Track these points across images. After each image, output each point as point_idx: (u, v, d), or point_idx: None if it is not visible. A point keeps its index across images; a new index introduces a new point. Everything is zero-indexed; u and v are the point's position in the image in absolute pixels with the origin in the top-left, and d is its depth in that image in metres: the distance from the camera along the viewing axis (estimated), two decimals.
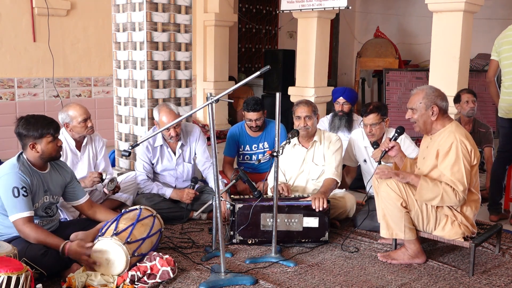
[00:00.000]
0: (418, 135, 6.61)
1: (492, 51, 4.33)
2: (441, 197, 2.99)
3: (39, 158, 3.00)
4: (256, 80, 8.46)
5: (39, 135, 2.94)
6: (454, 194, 2.98)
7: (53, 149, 3.01)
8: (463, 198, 3.02)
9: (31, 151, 2.96)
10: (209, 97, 2.80)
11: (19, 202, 2.85)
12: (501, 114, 4.23)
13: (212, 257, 3.32)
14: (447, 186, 2.99)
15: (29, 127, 2.94)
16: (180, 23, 4.70)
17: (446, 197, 2.99)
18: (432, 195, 3.01)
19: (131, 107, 4.73)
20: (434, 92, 3.15)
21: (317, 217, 3.51)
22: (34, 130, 2.93)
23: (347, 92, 5.08)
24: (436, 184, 3.01)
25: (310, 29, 6.50)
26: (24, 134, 2.94)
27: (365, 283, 3.01)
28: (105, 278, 2.84)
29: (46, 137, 2.96)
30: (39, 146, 2.96)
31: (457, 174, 2.99)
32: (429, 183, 3.02)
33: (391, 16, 10.11)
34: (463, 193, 3.00)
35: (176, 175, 4.18)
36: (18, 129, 2.96)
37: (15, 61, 6.22)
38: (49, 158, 3.04)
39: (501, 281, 3.06)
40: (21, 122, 2.96)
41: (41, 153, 2.98)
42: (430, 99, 3.12)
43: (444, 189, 2.98)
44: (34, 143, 2.95)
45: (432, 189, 3.00)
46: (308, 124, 3.84)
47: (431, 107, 3.12)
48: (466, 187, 3.01)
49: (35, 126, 2.95)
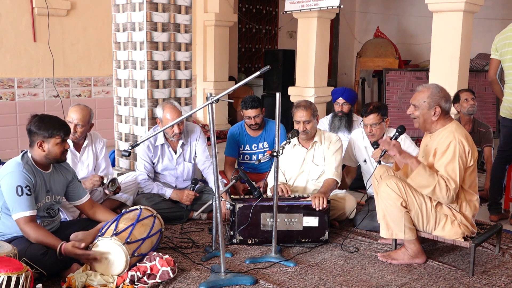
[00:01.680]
0: (418, 135, 6.62)
1: (492, 50, 4.32)
2: (433, 188, 2.98)
3: (44, 158, 3.01)
4: (256, 80, 8.46)
5: (49, 135, 2.96)
6: (446, 189, 2.98)
7: (59, 151, 3.02)
8: (453, 196, 3.02)
9: (38, 149, 2.97)
10: (209, 97, 2.80)
11: (22, 201, 2.85)
12: (504, 114, 4.22)
13: (212, 257, 3.32)
14: (442, 180, 2.99)
15: (41, 125, 2.96)
16: (180, 23, 4.70)
17: (437, 190, 2.99)
18: (425, 183, 3.00)
19: (131, 107, 4.73)
20: (439, 93, 3.14)
21: (317, 216, 3.51)
22: (45, 129, 2.96)
23: (346, 92, 5.07)
24: (433, 174, 3.01)
25: (310, 29, 6.50)
26: (34, 131, 2.96)
27: (365, 283, 3.01)
28: (105, 278, 2.84)
29: (55, 138, 2.98)
30: (47, 145, 2.97)
31: (451, 172, 3.00)
32: (427, 171, 3.02)
33: (391, 16, 10.11)
34: (454, 191, 3.00)
35: (177, 174, 4.18)
36: (30, 125, 2.98)
37: (15, 61, 6.22)
38: (53, 160, 3.05)
39: (501, 281, 3.06)
40: (34, 120, 2.99)
41: (47, 152, 2.99)
42: (435, 99, 3.12)
43: (439, 181, 2.98)
44: (42, 141, 2.96)
45: (428, 178, 3.00)
46: (307, 128, 3.84)
47: (434, 107, 3.11)
48: (458, 186, 3.02)
49: (47, 125, 2.97)
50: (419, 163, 3.06)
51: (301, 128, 3.83)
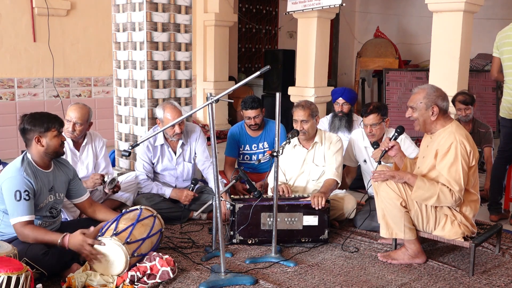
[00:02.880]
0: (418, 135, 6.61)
1: (494, 48, 4.30)
2: (437, 197, 2.99)
3: (44, 154, 3.00)
4: (256, 80, 8.46)
5: (44, 129, 2.96)
6: (451, 194, 2.98)
7: (58, 143, 3.03)
8: (459, 198, 3.02)
9: (36, 145, 2.97)
10: (209, 97, 2.80)
11: (20, 206, 2.86)
12: (503, 114, 4.22)
13: (212, 257, 3.32)
14: (444, 187, 2.99)
15: (35, 122, 2.96)
16: (180, 23, 4.70)
17: (442, 197, 2.99)
18: (428, 195, 3.01)
19: (131, 107, 4.73)
20: (435, 92, 3.15)
21: (317, 215, 3.52)
22: (40, 124, 2.96)
23: (346, 92, 5.07)
24: (433, 184, 3.01)
25: (310, 29, 6.50)
26: (29, 128, 2.95)
27: (365, 283, 3.01)
28: (105, 278, 2.84)
29: (51, 131, 2.98)
30: (44, 139, 2.97)
31: (454, 174, 2.99)
32: (426, 183, 3.02)
33: (391, 16, 10.11)
34: (459, 193, 3.00)
35: (176, 174, 4.18)
36: (23, 124, 2.97)
37: (15, 61, 6.22)
38: (53, 153, 3.04)
39: (501, 281, 3.06)
40: (26, 118, 2.98)
41: (46, 147, 2.98)
42: (431, 99, 3.12)
43: (441, 189, 2.99)
44: (40, 136, 2.96)
45: (429, 189, 3.00)
46: (304, 128, 3.83)
47: (431, 107, 3.12)
48: (463, 188, 3.02)
49: (40, 120, 2.98)
50: (415, 178, 3.06)
51: (299, 128, 3.82)
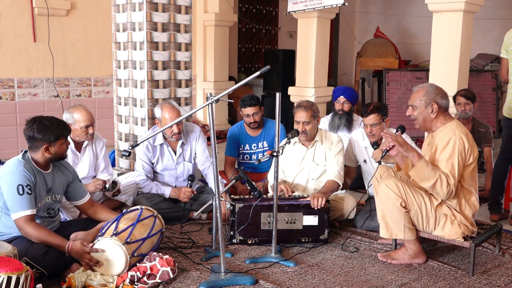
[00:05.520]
0: (418, 135, 6.61)
1: (502, 49, 4.27)
2: (435, 181, 3.00)
3: (49, 160, 3.02)
4: (256, 80, 8.46)
5: (55, 138, 2.94)
6: (447, 185, 3.00)
7: (64, 149, 3.05)
8: (452, 191, 3.03)
9: (43, 153, 2.96)
10: (209, 97, 2.80)
11: (23, 200, 2.85)
12: (507, 114, 4.20)
13: (212, 257, 3.32)
14: (443, 175, 3.01)
15: (45, 131, 2.91)
16: (180, 23, 4.70)
17: (438, 184, 3.00)
18: (427, 176, 3.02)
19: (131, 107, 4.73)
20: (434, 90, 3.17)
21: (317, 215, 3.52)
22: (51, 133, 2.92)
23: (348, 91, 5.08)
24: (434, 169, 3.03)
25: (310, 29, 6.49)
26: (39, 138, 2.91)
27: (365, 283, 3.01)
28: (105, 278, 2.84)
29: (60, 140, 2.98)
30: (53, 148, 2.97)
31: (450, 168, 3.02)
32: (429, 165, 3.04)
33: (391, 16, 10.11)
34: (453, 186, 3.02)
35: (176, 174, 4.18)
36: (31, 132, 2.91)
37: (15, 61, 6.22)
38: (58, 159, 3.06)
39: (501, 281, 3.06)
40: (35, 125, 2.92)
41: (53, 154, 2.99)
42: (430, 96, 3.14)
43: (440, 176, 3.00)
44: (49, 145, 2.94)
45: (430, 172, 3.01)
46: (306, 129, 3.83)
47: (431, 104, 3.13)
48: (456, 182, 3.04)
49: (51, 129, 2.93)
50: (420, 157, 3.07)
51: (300, 129, 3.82)
